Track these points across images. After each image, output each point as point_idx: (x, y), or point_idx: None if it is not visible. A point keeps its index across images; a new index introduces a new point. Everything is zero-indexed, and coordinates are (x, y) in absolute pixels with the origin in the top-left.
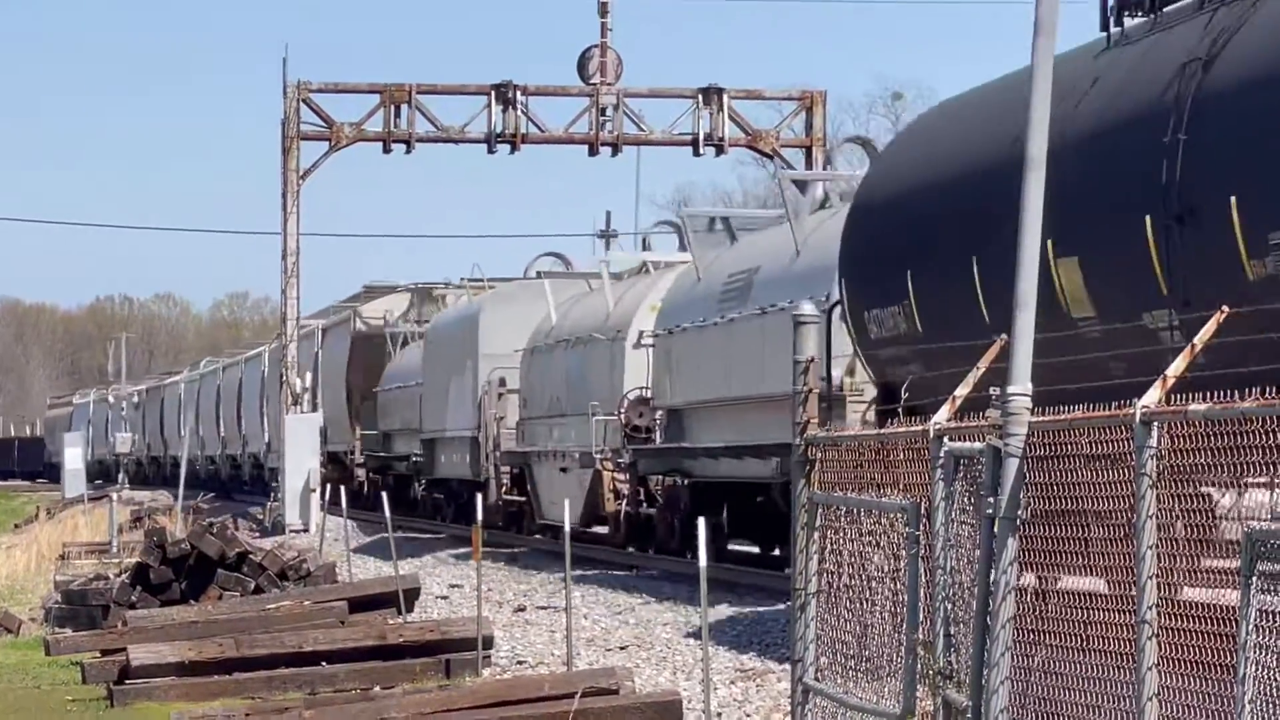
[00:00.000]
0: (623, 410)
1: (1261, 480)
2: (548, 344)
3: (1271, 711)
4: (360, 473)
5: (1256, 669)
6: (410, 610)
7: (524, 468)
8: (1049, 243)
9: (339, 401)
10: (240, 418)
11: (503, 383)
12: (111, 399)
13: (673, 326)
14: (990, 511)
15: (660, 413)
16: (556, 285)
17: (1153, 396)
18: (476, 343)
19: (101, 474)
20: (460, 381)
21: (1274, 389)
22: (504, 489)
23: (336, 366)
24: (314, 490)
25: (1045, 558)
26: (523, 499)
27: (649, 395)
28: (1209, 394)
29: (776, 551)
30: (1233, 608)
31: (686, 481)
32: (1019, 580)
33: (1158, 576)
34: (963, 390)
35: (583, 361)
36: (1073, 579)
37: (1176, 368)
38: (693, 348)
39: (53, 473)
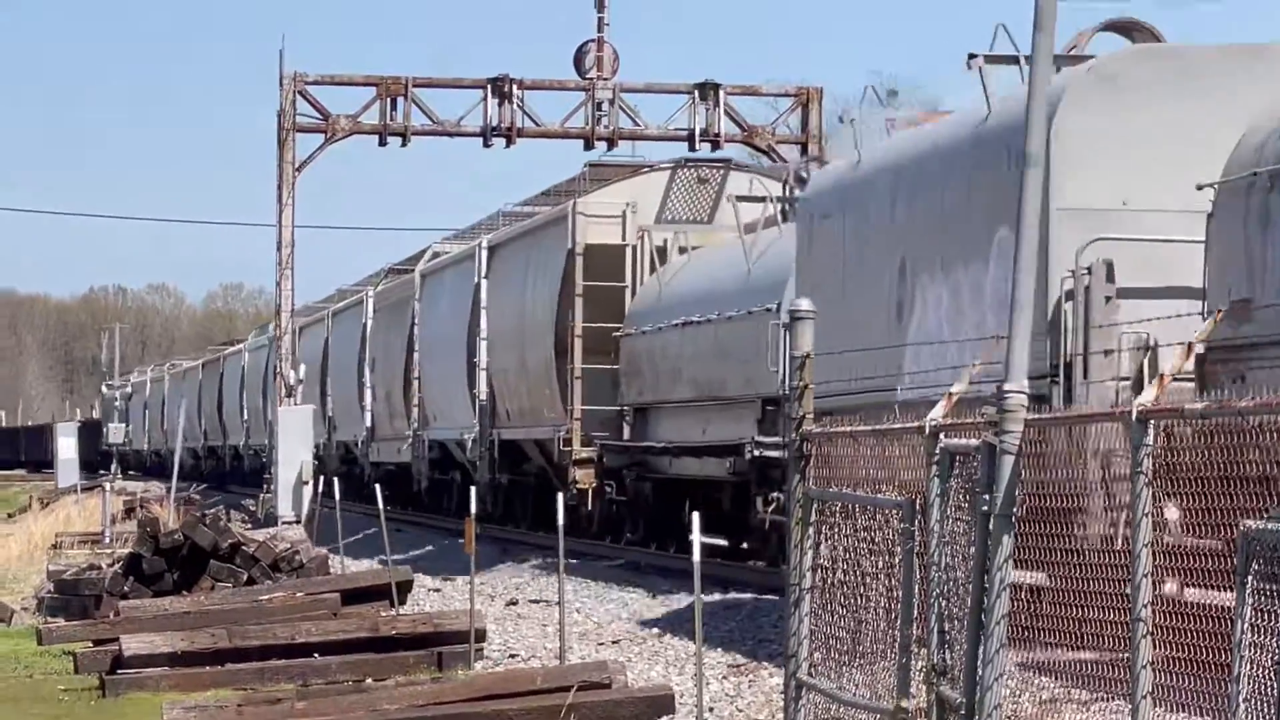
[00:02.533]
0: None
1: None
2: None
3: (1266, 710)
4: (582, 476)
5: (1251, 668)
6: (403, 603)
7: None
8: None
9: (537, 358)
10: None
11: (1109, 272)
12: (169, 379)
13: None
14: (985, 508)
15: None
16: None
17: (1149, 395)
18: (1048, 182)
19: (157, 467)
20: (962, 278)
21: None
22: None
23: (526, 302)
24: (306, 483)
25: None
26: None
27: None
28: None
29: None
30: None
31: None
32: (1014, 577)
33: (1152, 574)
34: (958, 387)
35: None
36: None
37: (1174, 366)
38: None
39: (105, 461)
